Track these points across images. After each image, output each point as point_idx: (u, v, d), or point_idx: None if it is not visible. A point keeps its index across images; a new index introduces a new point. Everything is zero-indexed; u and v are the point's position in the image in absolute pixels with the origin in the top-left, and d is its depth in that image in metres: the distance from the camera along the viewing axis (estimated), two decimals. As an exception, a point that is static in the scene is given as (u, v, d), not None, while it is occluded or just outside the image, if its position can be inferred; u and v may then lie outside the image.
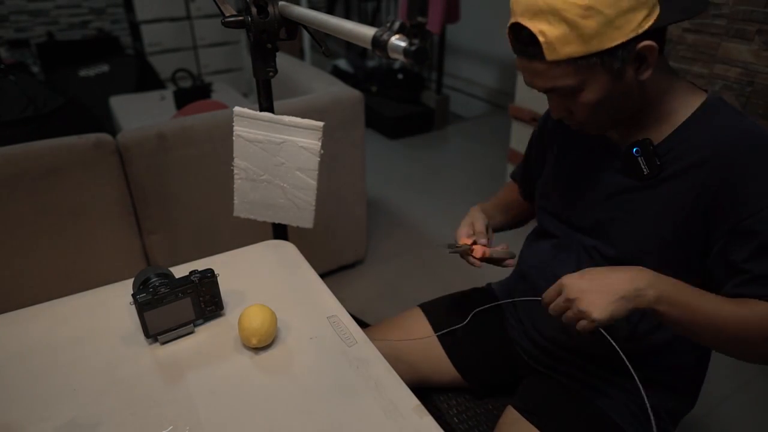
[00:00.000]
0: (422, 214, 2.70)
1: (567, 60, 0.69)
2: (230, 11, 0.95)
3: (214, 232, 1.79)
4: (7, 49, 3.77)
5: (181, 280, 0.85)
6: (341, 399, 0.76)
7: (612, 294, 0.70)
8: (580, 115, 0.78)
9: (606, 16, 0.65)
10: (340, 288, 1.94)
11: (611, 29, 0.66)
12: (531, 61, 0.72)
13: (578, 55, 0.68)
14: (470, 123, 3.89)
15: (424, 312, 1.10)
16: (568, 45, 0.68)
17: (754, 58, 1.62)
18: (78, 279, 1.60)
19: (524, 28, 0.70)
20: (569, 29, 0.66)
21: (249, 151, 1.02)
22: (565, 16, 0.66)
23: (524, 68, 0.75)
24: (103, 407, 0.74)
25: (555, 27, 0.67)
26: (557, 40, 0.68)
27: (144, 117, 2.50)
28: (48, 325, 0.90)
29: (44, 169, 1.44)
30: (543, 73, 0.73)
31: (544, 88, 0.76)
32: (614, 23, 0.66)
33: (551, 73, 0.72)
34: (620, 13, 0.65)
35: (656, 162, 0.78)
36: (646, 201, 0.81)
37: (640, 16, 0.66)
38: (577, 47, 0.68)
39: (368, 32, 0.67)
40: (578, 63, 0.69)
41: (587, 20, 0.65)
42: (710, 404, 1.61)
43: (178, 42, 3.96)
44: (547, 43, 0.68)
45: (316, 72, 2.16)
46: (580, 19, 0.65)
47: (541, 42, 0.68)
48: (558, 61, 0.70)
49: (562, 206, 0.94)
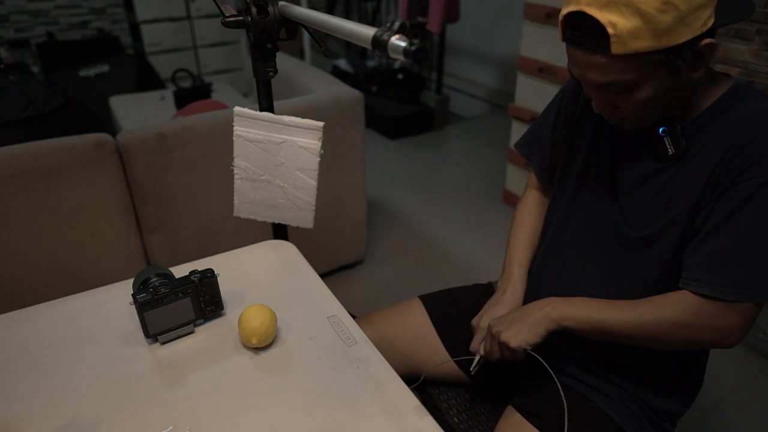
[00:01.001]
0: (422, 214, 2.70)
1: (633, 55, 0.67)
2: (230, 11, 0.95)
3: (214, 232, 1.79)
4: (7, 49, 3.77)
5: (181, 280, 0.85)
6: (341, 399, 0.76)
7: (525, 322, 0.84)
8: (627, 111, 0.76)
9: (680, 11, 0.63)
10: (340, 288, 1.94)
11: (682, 25, 0.65)
12: (592, 53, 0.69)
13: (646, 51, 0.66)
14: (470, 123, 3.89)
15: (423, 303, 1.10)
16: (638, 39, 0.65)
17: (754, 58, 1.62)
18: (78, 279, 1.60)
19: (590, 17, 0.66)
20: (643, 23, 0.64)
21: (249, 151, 1.02)
22: (641, 9, 0.63)
23: (580, 61, 0.72)
24: (103, 407, 0.74)
25: (628, 19, 0.64)
26: (628, 34, 0.65)
27: (144, 117, 2.50)
28: (48, 325, 0.90)
29: (44, 169, 1.44)
30: (603, 66, 0.70)
31: (600, 83, 0.73)
32: (686, 20, 0.64)
33: (612, 68, 0.69)
34: (692, 10, 0.64)
35: (682, 142, 0.78)
36: (670, 180, 0.80)
37: (706, 14, 0.66)
38: (648, 42, 0.65)
39: (368, 32, 0.67)
40: (643, 59, 0.67)
41: (663, 14, 0.63)
42: (710, 404, 1.61)
43: (178, 42, 3.96)
44: (617, 35, 0.65)
45: (316, 72, 2.16)
46: (656, 13, 0.63)
47: (610, 34, 0.65)
48: (624, 56, 0.67)
49: (590, 195, 0.92)
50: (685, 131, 0.78)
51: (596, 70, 0.71)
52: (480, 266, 2.29)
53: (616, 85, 0.72)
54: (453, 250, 2.40)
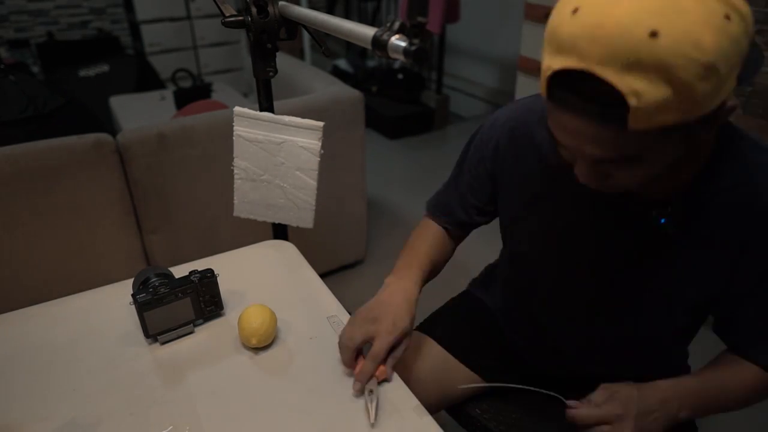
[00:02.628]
0: (422, 214, 2.69)
1: (654, 129, 0.51)
2: (230, 11, 0.95)
3: (214, 232, 1.79)
4: (7, 49, 3.77)
5: (181, 280, 0.85)
6: (341, 399, 0.76)
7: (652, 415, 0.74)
8: (620, 182, 0.60)
9: (721, 77, 0.49)
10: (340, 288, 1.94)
11: (719, 93, 0.50)
12: (598, 126, 0.52)
13: (671, 125, 0.51)
14: (470, 123, 3.89)
15: (425, 333, 1.05)
16: (666, 113, 0.49)
17: (754, 59, 1.61)
18: (78, 279, 1.60)
19: (601, 82, 0.49)
20: (674, 93, 0.48)
21: (249, 151, 1.02)
22: (678, 76, 0.47)
23: (577, 131, 0.55)
24: (102, 407, 0.74)
25: (657, 88, 0.48)
26: (655, 107, 0.49)
27: (144, 117, 2.49)
28: (48, 325, 0.90)
29: (44, 169, 1.44)
30: (609, 141, 0.53)
31: (597, 158, 0.57)
32: (724, 85, 0.50)
33: (619, 143, 0.53)
34: (729, 71, 0.50)
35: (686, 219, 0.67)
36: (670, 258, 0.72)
37: (736, 73, 0.51)
38: (676, 115, 0.50)
39: (368, 32, 0.67)
40: (664, 132, 0.51)
41: (704, 82, 0.48)
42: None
43: (178, 42, 3.96)
44: (641, 108, 0.49)
45: (316, 72, 2.16)
46: (696, 81, 0.48)
47: (632, 106, 0.49)
48: (643, 131, 0.51)
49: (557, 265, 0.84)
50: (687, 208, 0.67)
51: (599, 144, 0.54)
52: (479, 266, 2.27)
53: (617, 160, 0.56)
54: (453, 250, 2.40)
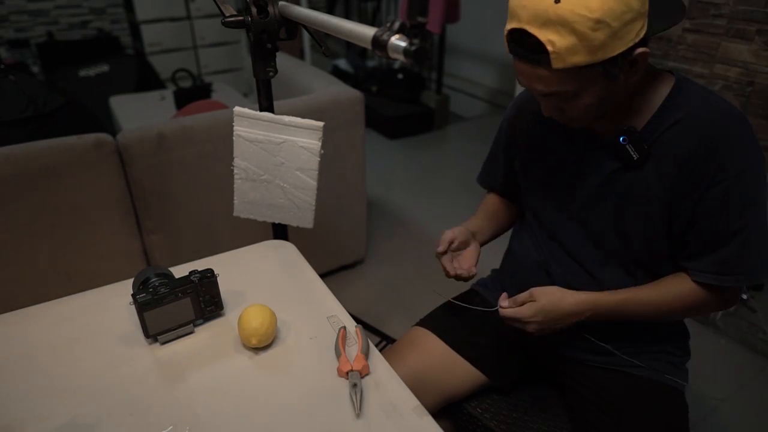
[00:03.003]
0: (422, 214, 2.70)
1: (572, 68, 0.72)
2: (230, 11, 0.95)
3: (214, 232, 1.79)
4: (7, 49, 3.77)
5: (181, 280, 0.85)
6: (341, 399, 0.76)
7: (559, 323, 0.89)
8: (573, 114, 0.82)
9: (612, 28, 0.68)
10: (340, 288, 1.94)
11: (615, 40, 0.69)
12: (535, 67, 0.74)
13: (584, 64, 0.71)
14: (470, 123, 3.89)
15: (428, 329, 1.07)
16: (575, 55, 0.70)
17: (754, 58, 1.62)
18: (78, 279, 1.60)
19: (530, 35, 0.71)
20: (578, 40, 0.68)
21: (249, 151, 1.02)
22: (576, 28, 0.68)
23: (525, 72, 0.77)
24: (102, 407, 0.74)
25: (564, 38, 0.69)
26: (566, 51, 0.70)
27: (144, 117, 2.50)
28: (48, 325, 0.90)
29: (44, 169, 1.44)
30: (545, 78, 0.75)
31: (544, 92, 0.78)
32: (618, 34, 0.69)
33: (554, 79, 0.74)
34: (623, 25, 0.69)
35: (644, 146, 0.84)
36: (635, 182, 0.86)
37: (637, 26, 0.71)
38: (584, 57, 0.70)
39: (368, 32, 0.67)
40: (582, 71, 0.72)
41: (596, 33, 0.68)
42: (710, 405, 1.61)
43: (178, 42, 3.96)
44: (556, 52, 0.70)
45: (316, 72, 2.16)
46: (589, 32, 0.68)
47: (550, 51, 0.70)
48: (564, 69, 0.72)
49: (553, 202, 0.98)
50: (644, 134, 0.84)
51: (540, 81, 0.76)
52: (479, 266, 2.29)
53: (560, 93, 0.77)
54: (453, 250, 2.40)
